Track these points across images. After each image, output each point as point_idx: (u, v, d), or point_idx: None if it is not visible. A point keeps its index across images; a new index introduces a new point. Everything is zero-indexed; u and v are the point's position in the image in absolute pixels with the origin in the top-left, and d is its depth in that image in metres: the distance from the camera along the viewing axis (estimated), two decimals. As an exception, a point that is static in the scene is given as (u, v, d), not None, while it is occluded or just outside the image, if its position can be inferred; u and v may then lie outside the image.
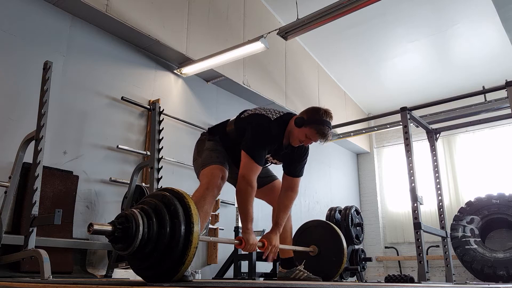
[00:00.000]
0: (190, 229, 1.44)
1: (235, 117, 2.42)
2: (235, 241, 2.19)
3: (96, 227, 1.36)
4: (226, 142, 2.38)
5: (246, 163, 2.18)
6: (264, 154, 2.24)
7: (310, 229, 2.85)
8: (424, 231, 2.97)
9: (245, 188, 2.15)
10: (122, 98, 4.08)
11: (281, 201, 2.43)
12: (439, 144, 4.08)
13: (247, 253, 4.20)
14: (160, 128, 4.12)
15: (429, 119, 5.67)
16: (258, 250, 2.33)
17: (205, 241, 1.96)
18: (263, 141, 2.22)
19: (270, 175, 2.58)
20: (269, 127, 2.25)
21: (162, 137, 4.04)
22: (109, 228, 1.41)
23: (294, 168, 2.45)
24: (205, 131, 2.55)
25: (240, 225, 4.51)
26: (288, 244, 2.53)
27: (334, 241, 2.71)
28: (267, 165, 2.49)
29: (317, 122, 2.23)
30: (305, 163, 2.48)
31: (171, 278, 1.46)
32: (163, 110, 4.28)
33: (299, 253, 2.74)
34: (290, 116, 2.35)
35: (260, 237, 2.37)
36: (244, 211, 2.17)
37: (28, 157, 2.78)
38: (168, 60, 4.69)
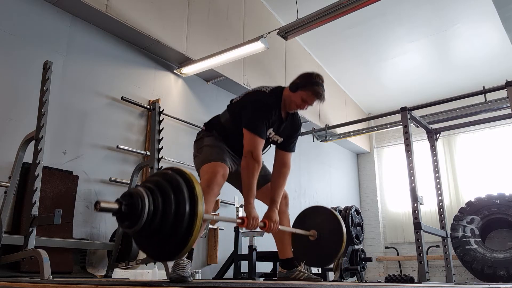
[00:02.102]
0: (194, 205, 1.47)
1: (226, 108, 2.46)
2: (238, 220, 2.20)
3: (103, 204, 1.37)
4: (223, 134, 2.38)
5: (249, 139, 2.20)
6: (265, 128, 2.27)
7: (310, 214, 2.87)
8: (424, 231, 2.97)
9: (252, 164, 2.17)
10: (122, 98, 4.08)
11: (275, 178, 2.46)
12: (439, 144, 4.08)
13: (247, 253, 4.20)
14: (160, 128, 4.12)
15: (429, 119, 5.68)
16: (259, 230, 2.34)
17: (208, 219, 1.98)
18: (262, 114, 2.25)
19: (268, 173, 2.57)
20: (266, 99, 2.30)
21: (162, 137, 4.04)
22: (116, 205, 1.42)
23: (290, 143, 2.50)
24: (201, 129, 2.53)
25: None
26: (288, 245, 2.52)
27: (334, 225, 2.71)
28: (268, 147, 2.48)
29: (311, 84, 2.29)
30: (297, 138, 2.55)
31: (177, 255, 1.49)
32: (163, 110, 4.28)
33: (298, 241, 2.75)
34: (282, 87, 2.42)
35: (261, 237, 2.36)
36: (249, 187, 2.19)
37: (28, 157, 2.78)
38: (168, 60, 4.69)
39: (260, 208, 2.54)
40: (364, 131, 7.54)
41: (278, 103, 2.34)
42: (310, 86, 2.28)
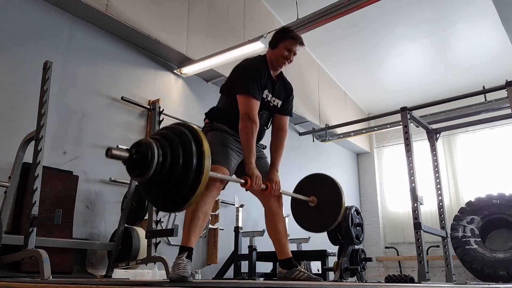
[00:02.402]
0: (201, 158, 1.53)
1: (219, 92, 2.56)
2: (241, 180, 2.22)
3: (114, 151, 1.41)
4: (225, 118, 2.40)
5: (243, 101, 2.27)
6: (259, 89, 2.33)
7: (311, 181, 2.91)
8: (424, 231, 2.97)
9: (249, 125, 2.23)
10: (122, 98, 4.08)
11: (274, 143, 2.55)
12: (439, 144, 4.07)
13: (247, 253, 4.20)
14: (160, 128, 4.11)
15: (429, 119, 5.68)
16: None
17: (213, 177, 2.05)
18: (253, 74, 2.34)
19: (267, 170, 2.58)
20: (253, 61, 2.44)
21: (162, 137, 4.03)
22: (126, 154, 1.47)
23: (286, 106, 2.59)
24: (205, 123, 2.54)
25: (240, 224, 4.53)
26: (285, 245, 2.52)
27: (333, 193, 2.77)
28: (271, 116, 2.53)
29: (286, 33, 2.48)
30: (292, 101, 2.66)
31: (182, 206, 1.55)
32: (163, 110, 4.27)
33: (299, 203, 2.77)
34: (264, 54, 2.53)
35: (261, 237, 2.36)
36: (249, 147, 2.24)
37: (28, 157, 2.78)
38: (168, 60, 4.69)
39: (261, 208, 2.54)
40: (364, 131, 7.54)
41: (266, 64, 2.45)
42: (286, 35, 2.45)
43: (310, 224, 2.83)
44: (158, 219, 3.29)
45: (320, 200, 2.75)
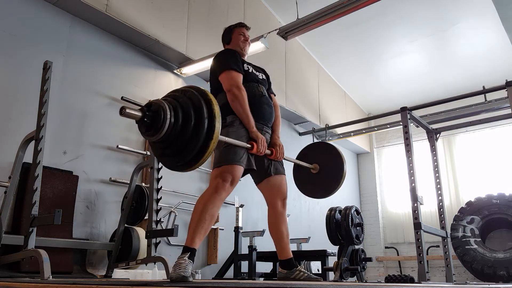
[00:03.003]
0: (212, 126, 1.59)
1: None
2: (247, 145, 2.26)
3: (128, 110, 1.53)
4: (230, 111, 2.41)
5: (225, 77, 2.39)
6: (237, 63, 2.46)
7: (314, 149, 3.03)
8: (424, 231, 2.97)
9: (237, 93, 2.33)
10: (122, 98, 4.08)
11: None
12: (439, 144, 4.07)
13: (247, 253, 4.20)
14: (160, 128, 4.11)
15: (429, 119, 5.68)
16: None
17: (221, 140, 2.07)
18: (228, 55, 2.52)
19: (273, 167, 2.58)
20: (227, 49, 2.66)
21: (162, 137, 4.03)
22: (139, 114, 1.58)
23: (269, 87, 2.76)
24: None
25: (240, 224, 4.52)
26: (286, 245, 2.52)
27: (335, 160, 2.85)
28: (264, 88, 2.62)
29: (231, 27, 2.78)
30: (271, 83, 2.82)
31: (190, 167, 1.62)
32: (163, 110, 4.27)
33: (301, 170, 2.80)
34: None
35: (261, 237, 2.36)
36: (245, 114, 2.33)
37: (28, 157, 2.78)
38: (168, 60, 4.69)
39: (261, 209, 2.54)
40: (364, 131, 7.54)
41: (236, 51, 2.64)
42: (232, 27, 2.76)
43: (313, 189, 2.93)
44: (158, 219, 3.29)
45: (322, 167, 2.83)
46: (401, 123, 3.32)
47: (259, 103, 2.50)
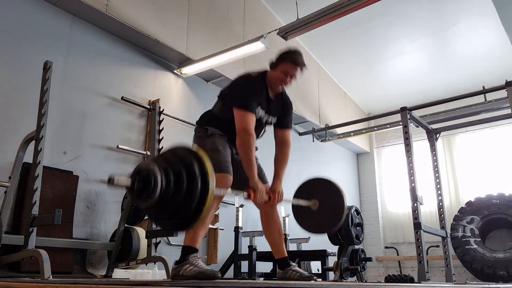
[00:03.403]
0: (206, 184, 1.54)
1: (217, 97, 2.55)
2: (245, 193, 2.23)
3: (116, 180, 1.45)
4: (218, 125, 2.40)
5: (240, 116, 2.26)
6: (255, 103, 2.32)
7: (312, 185, 2.91)
8: (424, 231, 2.97)
9: (247, 140, 2.23)
10: (122, 98, 4.08)
11: (278, 157, 2.57)
12: (439, 144, 4.08)
13: (247, 253, 4.20)
14: (160, 128, 4.12)
15: (429, 119, 5.68)
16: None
17: (218, 194, 2.08)
18: (250, 90, 2.33)
19: (263, 174, 2.57)
20: (251, 77, 2.40)
21: (162, 137, 4.04)
22: (129, 181, 1.50)
23: (286, 120, 2.59)
24: (196, 126, 2.54)
25: (240, 224, 4.52)
26: (280, 245, 2.52)
27: (335, 196, 2.77)
28: (263, 131, 2.53)
29: (287, 55, 2.41)
30: (292, 115, 2.64)
31: (188, 227, 1.62)
32: (163, 110, 4.28)
33: (300, 207, 2.79)
34: (267, 70, 2.49)
35: (261, 237, 2.37)
36: (250, 162, 2.25)
37: (28, 157, 2.78)
38: (168, 60, 4.69)
39: (254, 211, 2.54)
40: (364, 131, 7.54)
41: (264, 82, 2.43)
42: (286, 57, 2.39)
43: (314, 227, 2.85)
44: (158, 219, 3.28)
45: (321, 203, 2.74)
46: (401, 123, 3.32)
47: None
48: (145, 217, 3.48)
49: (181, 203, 1.52)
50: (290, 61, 2.39)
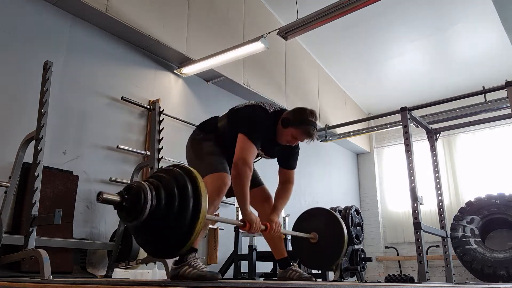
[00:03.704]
0: (198, 203, 1.46)
1: (227, 112, 2.44)
2: (240, 223, 2.20)
3: (105, 196, 1.38)
4: (219, 139, 2.38)
5: (243, 144, 2.17)
6: (260, 141, 2.25)
7: (310, 216, 2.88)
8: (424, 231, 2.97)
9: (243, 171, 2.13)
10: (122, 98, 4.08)
11: (281, 192, 2.52)
12: (439, 144, 4.08)
13: (247, 253, 4.20)
14: (160, 128, 4.12)
15: (429, 119, 5.68)
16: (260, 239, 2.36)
17: (211, 219, 2.00)
18: (260, 128, 2.25)
19: (258, 177, 2.58)
20: (266, 117, 2.29)
21: (162, 137, 4.04)
22: (117, 198, 1.42)
23: (289, 161, 2.53)
24: (196, 128, 2.51)
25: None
26: (280, 245, 2.52)
27: (334, 227, 2.73)
28: (257, 159, 2.49)
29: (302, 122, 2.27)
30: (297, 156, 2.56)
31: (176, 252, 1.47)
32: (163, 110, 4.27)
33: (300, 240, 2.76)
34: (283, 111, 2.40)
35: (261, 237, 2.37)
36: (244, 194, 2.17)
37: (28, 157, 2.78)
38: (168, 60, 4.69)
39: (253, 211, 2.53)
40: (364, 131, 7.54)
41: (275, 127, 2.34)
42: (300, 124, 2.27)
43: (313, 261, 2.83)
44: (158, 219, 3.28)
45: (321, 236, 2.72)
46: (401, 123, 3.32)
47: None
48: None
49: (171, 223, 1.43)
50: (304, 131, 2.28)
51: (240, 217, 2.10)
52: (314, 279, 2.52)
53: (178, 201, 1.45)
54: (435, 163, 3.71)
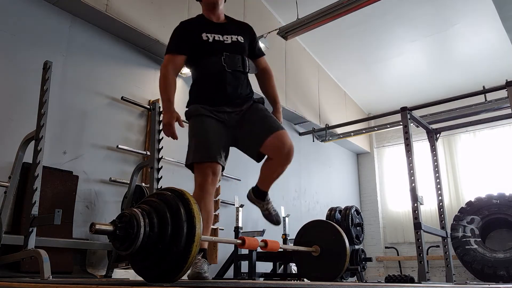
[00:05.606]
0: (193, 228, 1.45)
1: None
2: (238, 241, 2.19)
3: (97, 226, 1.38)
4: (198, 91, 2.50)
5: (164, 60, 2.44)
6: (182, 42, 2.36)
7: (312, 229, 2.86)
8: (424, 231, 2.97)
9: (161, 73, 2.50)
10: (122, 98, 4.08)
11: (264, 84, 2.69)
12: (439, 144, 4.08)
13: (247, 253, 4.20)
14: (160, 128, 4.10)
15: (429, 119, 5.68)
16: (260, 250, 2.34)
17: (207, 241, 2.00)
18: (175, 34, 2.42)
19: (269, 126, 2.35)
20: (181, 23, 2.47)
21: (162, 137, 4.02)
22: (110, 228, 1.42)
23: (255, 47, 2.69)
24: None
25: (240, 225, 4.52)
26: (270, 183, 2.46)
27: (337, 241, 2.72)
28: (238, 56, 2.42)
29: None
30: (256, 41, 2.73)
31: (174, 277, 1.46)
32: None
33: (301, 253, 2.74)
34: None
35: (261, 237, 2.37)
36: (163, 96, 2.49)
37: (28, 157, 2.78)
38: (168, 60, 4.68)
39: (254, 211, 2.53)
40: (364, 131, 7.54)
41: (201, 15, 2.52)
42: None
43: (315, 274, 2.81)
44: (158, 219, 3.28)
45: (322, 249, 2.71)
46: (401, 123, 3.32)
47: (220, 82, 2.31)
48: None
49: (165, 248, 1.44)
50: None
51: (241, 215, 2.11)
52: (279, 224, 2.55)
53: (171, 226, 1.45)
54: (435, 163, 3.71)
